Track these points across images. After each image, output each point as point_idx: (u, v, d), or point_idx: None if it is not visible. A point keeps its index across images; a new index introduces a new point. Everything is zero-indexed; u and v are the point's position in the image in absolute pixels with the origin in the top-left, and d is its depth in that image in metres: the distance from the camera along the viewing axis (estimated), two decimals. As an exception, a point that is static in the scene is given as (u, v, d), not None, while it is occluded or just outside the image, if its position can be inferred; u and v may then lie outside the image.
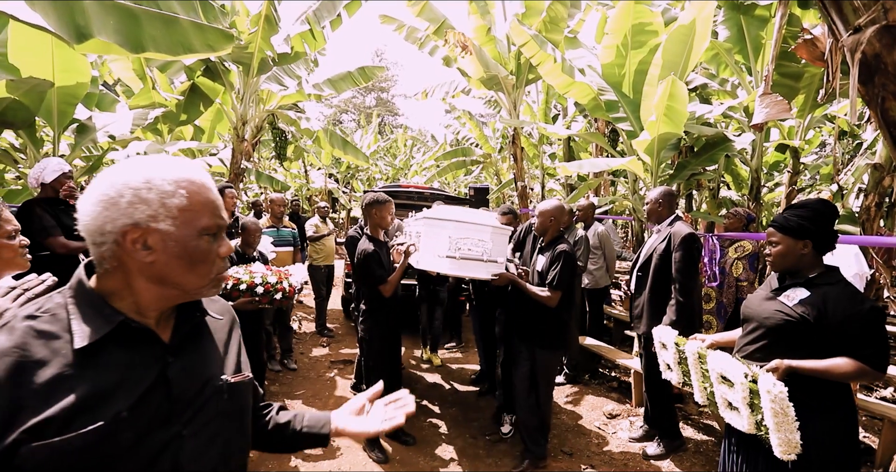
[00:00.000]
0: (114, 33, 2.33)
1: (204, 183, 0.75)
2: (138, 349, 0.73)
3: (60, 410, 0.64)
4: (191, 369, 0.78)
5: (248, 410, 0.89)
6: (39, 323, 0.69)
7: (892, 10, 1.57)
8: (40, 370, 0.65)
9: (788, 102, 2.06)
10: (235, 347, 0.91)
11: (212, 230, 0.75)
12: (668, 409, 2.99)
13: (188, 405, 0.76)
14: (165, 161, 0.74)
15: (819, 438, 1.55)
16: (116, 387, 0.69)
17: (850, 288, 1.62)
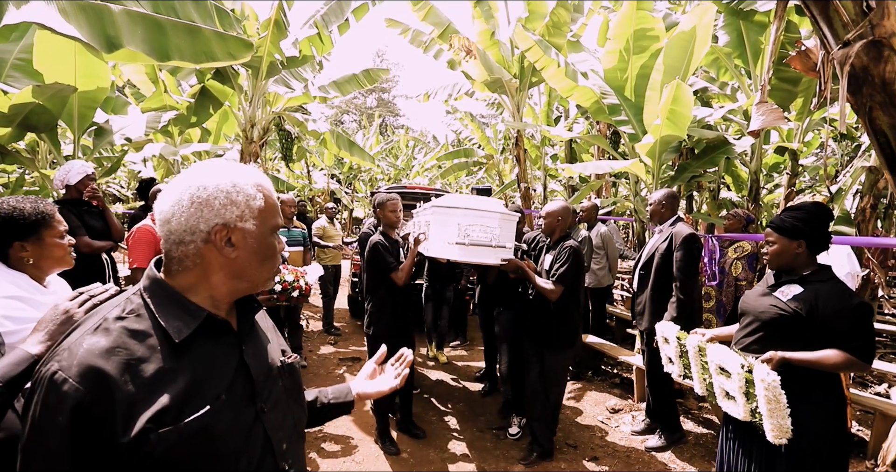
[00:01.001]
0: (141, 43, 2.45)
1: (270, 187, 0.84)
2: (219, 339, 0.81)
3: (172, 400, 0.70)
4: (259, 353, 0.87)
5: (302, 385, 0.98)
6: (129, 323, 0.74)
7: (879, 26, 1.68)
8: (143, 366, 0.71)
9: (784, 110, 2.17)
10: (275, 332, 1.00)
11: (278, 229, 0.84)
12: (669, 403, 3.10)
13: (264, 385, 0.84)
14: (241, 167, 0.82)
15: (809, 424, 1.67)
16: (211, 374, 0.77)
17: (841, 285, 1.73)
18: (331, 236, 5.90)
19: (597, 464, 2.90)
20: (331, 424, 3.40)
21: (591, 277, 4.67)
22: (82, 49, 3.13)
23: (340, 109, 35.67)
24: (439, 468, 2.86)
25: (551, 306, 2.81)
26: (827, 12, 1.80)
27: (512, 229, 2.83)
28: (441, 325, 4.95)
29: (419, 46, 7.37)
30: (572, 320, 2.89)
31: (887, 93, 1.71)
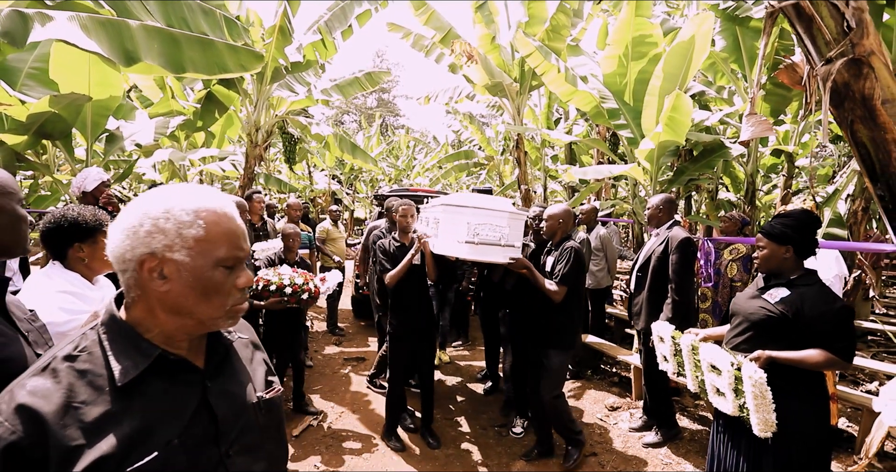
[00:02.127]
0: (158, 56, 2.56)
1: (226, 213, 0.74)
2: (177, 378, 0.76)
3: (113, 447, 0.66)
4: (228, 390, 0.81)
5: (283, 421, 0.93)
6: (79, 363, 0.71)
7: (859, 45, 1.79)
8: (87, 409, 0.67)
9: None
10: (261, 362, 0.93)
11: (228, 262, 0.74)
12: (666, 401, 3.21)
13: (232, 426, 0.79)
14: (189, 191, 0.74)
15: (794, 419, 1.77)
16: (163, 417, 0.71)
17: (825, 289, 1.84)
18: (334, 238, 6.01)
19: (595, 459, 3.01)
20: (338, 421, 3.51)
21: (591, 278, 4.77)
22: (96, 59, 3.23)
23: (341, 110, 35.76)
24: (443, 463, 2.97)
25: (553, 306, 2.82)
26: (811, 30, 1.91)
27: (520, 228, 2.86)
28: (442, 326, 4.98)
29: (420, 50, 7.48)
30: (573, 321, 2.93)
31: (867, 108, 1.82)
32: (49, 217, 1.44)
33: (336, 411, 3.71)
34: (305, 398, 3.68)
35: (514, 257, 2.76)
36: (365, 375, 4.51)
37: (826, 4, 1.85)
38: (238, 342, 0.90)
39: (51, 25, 2.24)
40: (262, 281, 2.89)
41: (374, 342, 5.59)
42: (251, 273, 0.80)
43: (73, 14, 2.35)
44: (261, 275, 2.92)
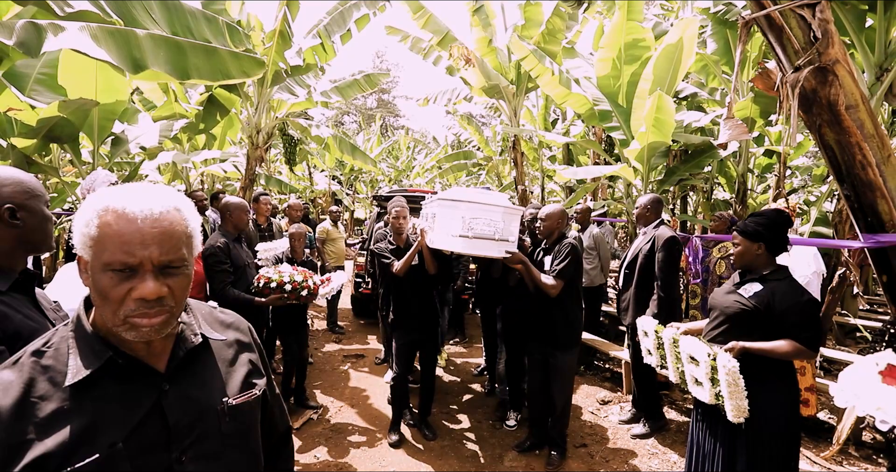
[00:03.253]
0: (164, 64, 2.68)
1: (125, 215, 0.68)
2: (132, 380, 0.74)
3: (58, 445, 0.66)
4: (188, 395, 0.78)
5: (254, 429, 0.88)
6: (44, 359, 0.72)
7: (825, 54, 1.90)
8: (42, 405, 0.68)
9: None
10: (244, 363, 0.90)
11: (115, 266, 0.68)
12: (653, 393, 3.33)
13: (187, 432, 0.76)
14: (116, 191, 0.72)
15: (766, 406, 1.89)
16: (111, 419, 0.70)
17: (794, 284, 1.95)
18: (334, 238, 6.13)
19: (585, 450, 3.12)
20: (337, 415, 3.63)
21: (584, 276, 4.87)
22: (103, 65, 3.35)
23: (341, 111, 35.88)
24: (438, 454, 3.08)
25: (555, 306, 2.86)
26: (781, 40, 2.02)
27: (515, 223, 2.87)
28: (441, 325, 5.06)
29: (419, 53, 7.59)
30: (576, 318, 2.98)
31: (833, 113, 1.93)
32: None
33: (336, 405, 3.82)
34: (307, 393, 3.80)
35: (509, 251, 2.79)
36: (364, 371, 4.63)
37: (794, 16, 1.96)
38: (218, 343, 0.87)
39: (63, 35, 2.36)
40: (264, 279, 3.00)
41: (374, 340, 5.72)
42: (154, 287, 0.69)
43: (84, 24, 2.47)
44: (262, 273, 3.03)
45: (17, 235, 1.03)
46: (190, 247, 0.76)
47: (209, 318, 0.91)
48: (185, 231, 0.74)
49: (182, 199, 0.77)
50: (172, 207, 0.73)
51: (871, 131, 1.92)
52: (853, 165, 1.95)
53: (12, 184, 1.02)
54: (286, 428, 1.07)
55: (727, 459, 2.02)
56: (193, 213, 0.78)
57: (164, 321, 0.72)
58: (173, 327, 0.77)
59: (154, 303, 0.70)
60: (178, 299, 0.74)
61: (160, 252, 0.69)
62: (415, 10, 6.94)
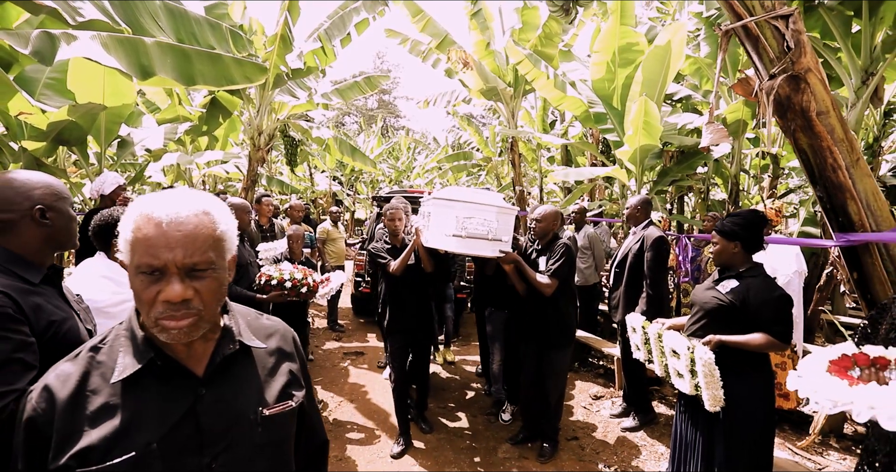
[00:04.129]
0: (171, 71, 2.79)
1: (153, 218, 0.70)
2: (171, 382, 0.76)
3: (101, 438, 0.69)
4: (223, 401, 0.79)
5: (287, 440, 0.88)
6: (99, 354, 0.76)
7: (798, 63, 2.01)
8: (93, 398, 0.72)
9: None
10: (285, 373, 0.90)
11: (143, 269, 0.70)
12: (643, 388, 3.43)
13: (220, 438, 0.77)
14: (150, 196, 0.74)
15: (741, 396, 1.99)
16: (150, 418, 0.73)
17: (768, 280, 2.06)
18: (334, 238, 6.25)
19: (577, 443, 3.23)
20: (337, 410, 3.74)
21: (579, 275, 4.98)
22: (110, 70, 3.45)
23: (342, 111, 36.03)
24: (434, 446, 3.19)
25: (549, 305, 2.89)
26: (758, 49, 2.13)
27: (509, 223, 2.88)
28: (446, 323, 4.91)
29: (418, 56, 7.70)
30: (570, 317, 3.02)
31: (805, 118, 2.04)
32: (98, 217, 1.70)
33: (335, 400, 3.94)
34: (318, 395, 3.90)
35: (503, 250, 2.81)
36: (363, 368, 4.74)
37: (769, 26, 2.07)
38: (259, 351, 0.88)
39: (75, 44, 2.47)
40: (265, 276, 3.09)
41: (373, 338, 5.83)
42: (178, 289, 0.70)
43: (95, 33, 2.58)
44: (263, 271, 3.13)
45: (47, 233, 1.14)
46: (220, 250, 0.76)
47: (253, 325, 0.91)
48: (212, 234, 0.74)
49: (214, 203, 0.78)
50: (200, 211, 0.74)
51: (841, 136, 2.03)
52: (825, 168, 2.06)
53: (43, 187, 1.13)
54: (323, 440, 1.06)
55: (706, 447, 2.13)
56: (226, 216, 0.79)
57: (191, 324, 0.72)
58: (207, 330, 0.77)
59: (180, 305, 0.71)
60: (207, 303, 0.74)
61: (184, 255, 0.70)
62: (414, 13, 7.05)
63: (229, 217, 0.80)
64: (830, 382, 1.29)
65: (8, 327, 1.00)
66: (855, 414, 1.17)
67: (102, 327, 1.31)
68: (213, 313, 0.77)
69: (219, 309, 0.79)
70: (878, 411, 1.11)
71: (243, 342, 0.84)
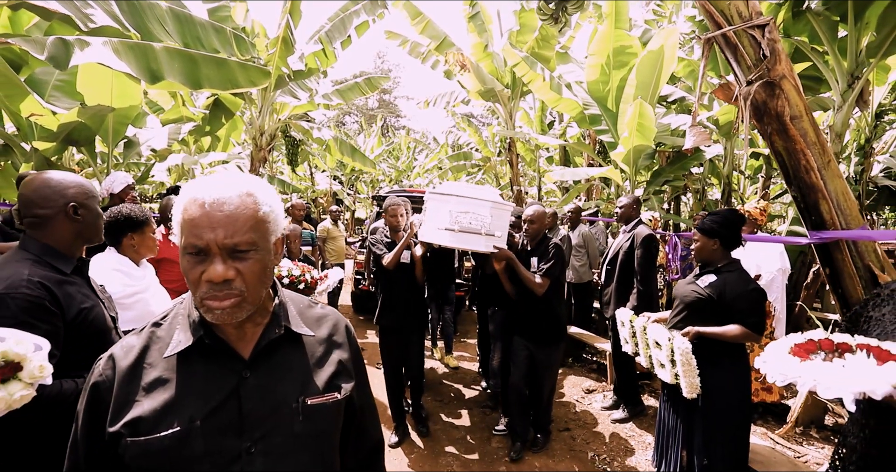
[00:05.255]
0: (178, 75, 2.92)
1: (197, 200, 0.72)
2: (219, 362, 0.78)
3: (151, 410, 0.72)
4: (266, 386, 0.79)
5: (330, 434, 0.85)
6: (160, 330, 0.80)
7: (773, 70, 2.13)
8: (149, 371, 0.75)
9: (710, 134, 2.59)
10: (334, 363, 0.88)
11: (189, 250, 0.72)
12: (632, 381, 3.56)
13: (260, 423, 0.77)
14: (197, 179, 0.77)
15: (719, 384, 2.12)
16: (196, 396, 0.74)
17: (744, 275, 2.18)
18: (334, 236, 6.37)
19: (568, 434, 3.35)
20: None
21: (573, 273, 5.11)
22: (118, 73, 3.58)
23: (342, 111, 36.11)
24: (431, 436, 3.31)
25: (541, 303, 2.89)
26: (736, 56, 2.25)
27: (504, 219, 2.84)
28: (445, 325, 4.88)
29: (417, 57, 7.82)
30: (559, 315, 3.01)
31: (780, 122, 2.16)
32: (109, 213, 1.80)
33: (336, 393, 4.05)
34: None
35: (496, 246, 2.78)
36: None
37: (746, 35, 2.19)
38: (310, 339, 0.87)
39: (88, 50, 2.59)
40: None
41: (372, 335, 5.94)
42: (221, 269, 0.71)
43: (107, 39, 2.70)
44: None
45: (78, 228, 1.26)
46: (262, 231, 0.75)
47: (305, 312, 0.91)
48: (254, 215, 0.74)
49: (258, 184, 0.78)
50: (244, 192, 0.74)
51: (814, 139, 2.15)
52: (799, 169, 2.18)
53: (75, 186, 1.25)
54: (377, 440, 1.01)
55: (686, 433, 2.26)
56: (270, 198, 0.78)
57: (234, 304, 0.72)
58: (255, 313, 0.78)
59: (222, 285, 0.71)
60: (250, 284, 0.74)
61: (225, 235, 0.70)
62: (413, 15, 7.16)
63: (274, 199, 0.79)
64: (785, 358, 1.41)
65: (39, 317, 1.12)
66: (799, 385, 1.29)
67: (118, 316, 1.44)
68: (257, 295, 0.76)
69: (263, 292, 0.78)
70: (818, 382, 1.23)
71: (290, 328, 0.84)
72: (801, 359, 1.41)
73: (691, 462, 2.25)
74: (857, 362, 1.32)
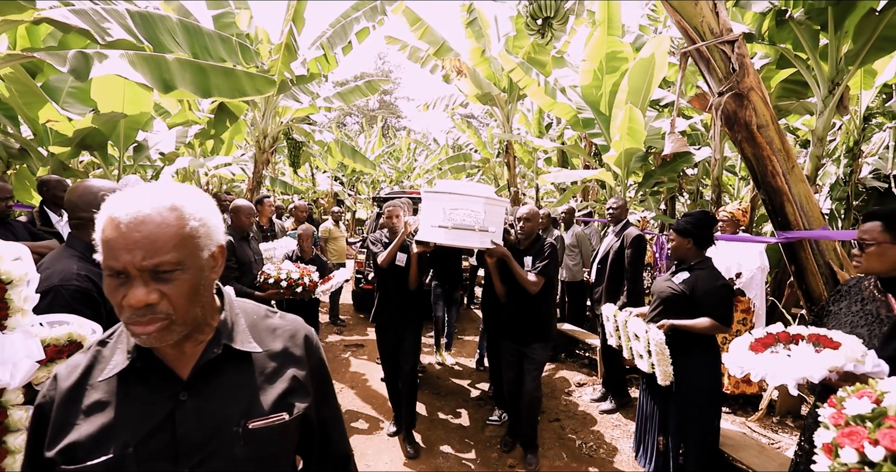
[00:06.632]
0: (189, 84, 3.10)
1: (113, 219, 0.66)
2: (156, 384, 0.73)
3: (87, 436, 0.68)
4: (205, 408, 0.74)
5: (278, 457, 0.79)
6: (105, 348, 0.76)
7: (742, 82, 2.31)
8: (90, 393, 0.71)
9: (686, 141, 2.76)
10: (286, 380, 0.81)
11: (108, 272, 0.67)
12: (620, 374, 3.73)
13: (197, 448, 0.72)
14: (116, 195, 0.70)
15: (691, 373, 2.29)
16: (131, 421, 0.70)
17: (714, 271, 2.36)
18: (336, 237, 6.56)
19: (558, 423, 3.52)
20: (337, 395, 4.04)
21: (567, 272, 5.28)
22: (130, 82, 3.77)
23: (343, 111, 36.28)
24: (428, 425, 3.49)
25: (531, 303, 2.90)
26: (709, 69, 2.42)
27: (498, 215, 2.81)
28: (448, 324, 4.90)
29: (416, 62, 8.02)
30: (549, 315, 3.03)
31: (748, 131, 2.33)
32: None
33: (337, 387, 4.24)
34: None
35: (493, 241, 2.74)
36: (363, 359, 5.04)
37: (718, 50, 2.36)
38: (259, 355, 0.81)
39: (107, 62, 2.78)
40: (264, 275, 3.29)
41: (372, 332, 6.11)
42: (140, 294, 0.65)
43: (123, 52, 2.89)
44: (264, 269, 3.33)
45: None
46: (191, 248, 0.69)
47: (259, 324, 0.85)
48: (179, 232, 0.68)
49: (185, 197, 0.71)
50: (166, 207, 0.68)
51: (779, 146, 2.32)
52: (766, 174, 2.35)
53: (111, 191, 1.43)
54: (343, 455, 0.94)
55: (662, 418, 2.43)
56: (200, 210, 0.72)
57: (159, 329, 0.67)
58: (195, 332, 0.75)
59: (145, 310, 0.66)
60: (178, 306, 0.68)
61: (143, 256, 0.65)
62: (412, 21, 7.36)
63: (205, 211, 0.73)
64: (743, 352, 1.58)
65: (87, 306, 1.30)
66: (753, 376, 1.46)
67: None
68: (188, 316, 0.71)
69: (196, 310, 0.72)
70: (767, 372, 1.40)
71: (230, 346, 0.78)
72: (757, 352, 1.59)
73: (667, 447, 2.43)
74: (801, 352, 1.50)
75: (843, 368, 1.29)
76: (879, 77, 5.54)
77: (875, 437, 0.88)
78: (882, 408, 0.93)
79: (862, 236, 1.51)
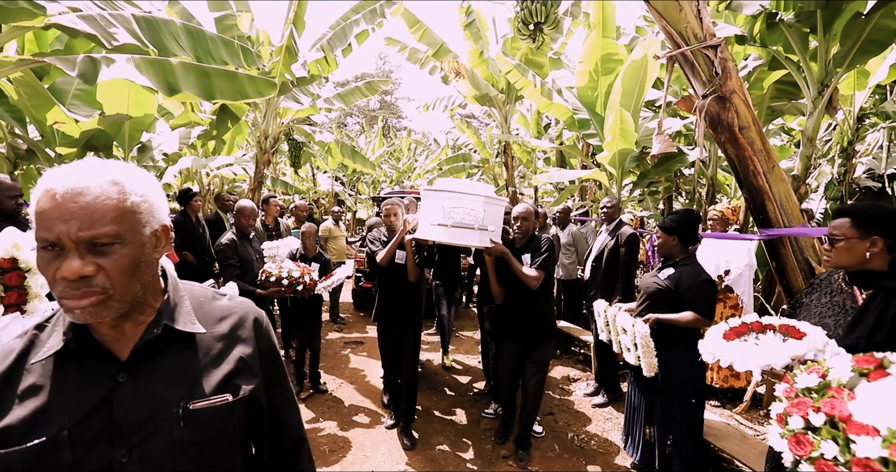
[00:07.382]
0: (193, 87, 3.19)
1: (49, 190, 0.65)
2: (93, 366, 0.72)
3: (20, 420, 0.66)
4: (144, 390, 0.72)
5: (221, 438, 0.77)
6: (43, 332, 0.74)
7: (724, 85, 2.40)
8: (26, 377, 0.69)
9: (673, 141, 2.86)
10: (232, 362, 0.80)
11: (41, 244, 0.65)
12: (612, 369, 3.82)
13: (136, 430, 0.70)
14: (53, 169, 0.68)
15: (675, 364, 2.39)
16: (67, 403, 0.68)
17: (697, 267, 2.45)
18: (336, 236, 6.66)
19: (552, 417, 3.62)
20: (338, 390, 4.13)
21: (563, 270, 5.37)
22: (134, 84, 3.87)
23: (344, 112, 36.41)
24: (425, 419, 3.58)
25: (532, 301, 2.90)
26: (694, 73, 2.52)
27: (498, 214, 2.81)
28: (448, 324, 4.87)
29: (416, 63, 8.12)
30: (550, 313, 3.04)
31: (731, 132, 2.43)
32: None
33: (337, 382, 4.34)
34: (321, 378, 4.25)
35: (493, 240, 2.74)
36: (363, 356, 5.14)
37: (702, 54, 2.46)
38: (204, 336, 0.80)
39: (114, 66, 2.87)
40: (265, 273, 3.34)
41: (372, 330, 6.22)
42: (74, 265, 0.64)
43: (129, 56, 2.99)
44: (265, 268, 3.41)
45: None
46: (132, 223, 0.68)
47: (205, 306, 0.84)
48: (118, 205, 0.67)
49: (127, 172, 0.71)
50: (107, 181, 0.67)
51: (760, 147, 2.41)
52: (748, 174, 2.45)
53: None
54: (296, 438, 0.93)
55: (648, 409, 2.52)
56: (143, 186, 0.71)
57: (95, 303, 0.66)
58: (133, 311, 0.73)
59: (80, 283, 0.64)
60: (115, 280, 0.67)
61: (80, 227, 0.63)
62: (411, 23, 7.45)
63: (148, 187, 0.72)
64: (717, 340, 1.68)
65: None
66: (723, 362, 1.56)
67: None
68: (127, 292, 0.69)
69: (136, 288, 0.71)
70: (734, 359, 1.50)
71: (171, 326, 0.77)
72: (729, 340, 1.69)
73: (654, 437, 2.52)
74: (767, 341, 1.59)
75: (805, 356, 1.39)
76: (872, 78, 5.63)
77: (818, 405, 0.99)
78: (826, 381, 1.03)
79: (832, 232, 1.59)
